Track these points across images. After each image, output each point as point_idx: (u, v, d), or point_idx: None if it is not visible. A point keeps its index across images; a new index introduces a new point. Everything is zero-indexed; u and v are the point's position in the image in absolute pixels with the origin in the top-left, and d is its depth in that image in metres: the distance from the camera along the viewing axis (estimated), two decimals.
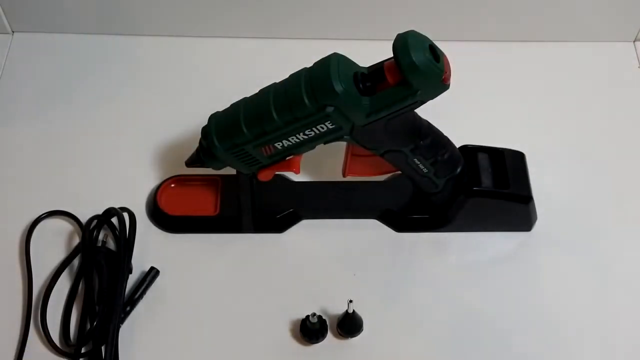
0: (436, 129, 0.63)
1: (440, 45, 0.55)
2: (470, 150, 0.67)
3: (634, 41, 0.84)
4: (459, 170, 0.64)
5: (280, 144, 0.59)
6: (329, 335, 0.62)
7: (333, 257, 0.67)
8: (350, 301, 0.59)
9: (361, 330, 0.61)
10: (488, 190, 0.65)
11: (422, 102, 0.56)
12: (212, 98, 0.64)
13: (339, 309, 0.62)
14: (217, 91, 0.68)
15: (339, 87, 0.55)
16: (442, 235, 0.68)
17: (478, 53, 0.81)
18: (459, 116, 0.72)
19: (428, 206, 0.67)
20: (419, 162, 0.62)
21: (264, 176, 0.63)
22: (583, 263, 0.67)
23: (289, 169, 0.62)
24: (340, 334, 0.62)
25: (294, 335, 0.62)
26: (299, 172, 0.63)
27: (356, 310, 0.60)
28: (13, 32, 0.83)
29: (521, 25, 0.82)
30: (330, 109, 0.56)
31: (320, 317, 0.60)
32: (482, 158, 0.66)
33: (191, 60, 0.81)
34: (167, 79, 0.79)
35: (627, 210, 0.71)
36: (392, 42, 0.55)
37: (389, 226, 0.69)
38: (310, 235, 0.68)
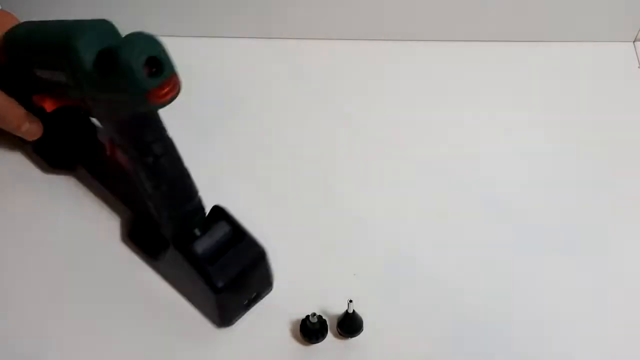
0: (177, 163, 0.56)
1: (440, 45, 0.55)
2: (220, 212, 0.59)
3: (634, 41, 0.84)
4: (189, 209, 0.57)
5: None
6: (329, 335, 0.62)
7: (333, 257, 0.67)
8: (350, 301, 0.59)
9: (361, 330, 0.61)
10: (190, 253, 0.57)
11: (127, 108, 0.53)
12: (212, 98, 0.64)
13: (339, 309, 0.62)
14: (217, 91, 0.68)
15: (80, 52, 0.53)
16: (442, 235, 0.68)
17: (478, 53, 0.81)
18: (458, 116, 0.72)
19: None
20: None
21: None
22: (583, 263, 0.67)
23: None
24: (340, 334, 0.62)
25: (294, 335, 0.62)
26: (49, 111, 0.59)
27: (356, 310, 0.60)
28: None
29: (521, 25, 0.82)
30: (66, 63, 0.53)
31: (320, 317, 0.60)
32: (223, 226, 0.58)
33: (191, 60, 0.81)
34: None
35: (627, 210, 0.71)
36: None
37: None
38: None
